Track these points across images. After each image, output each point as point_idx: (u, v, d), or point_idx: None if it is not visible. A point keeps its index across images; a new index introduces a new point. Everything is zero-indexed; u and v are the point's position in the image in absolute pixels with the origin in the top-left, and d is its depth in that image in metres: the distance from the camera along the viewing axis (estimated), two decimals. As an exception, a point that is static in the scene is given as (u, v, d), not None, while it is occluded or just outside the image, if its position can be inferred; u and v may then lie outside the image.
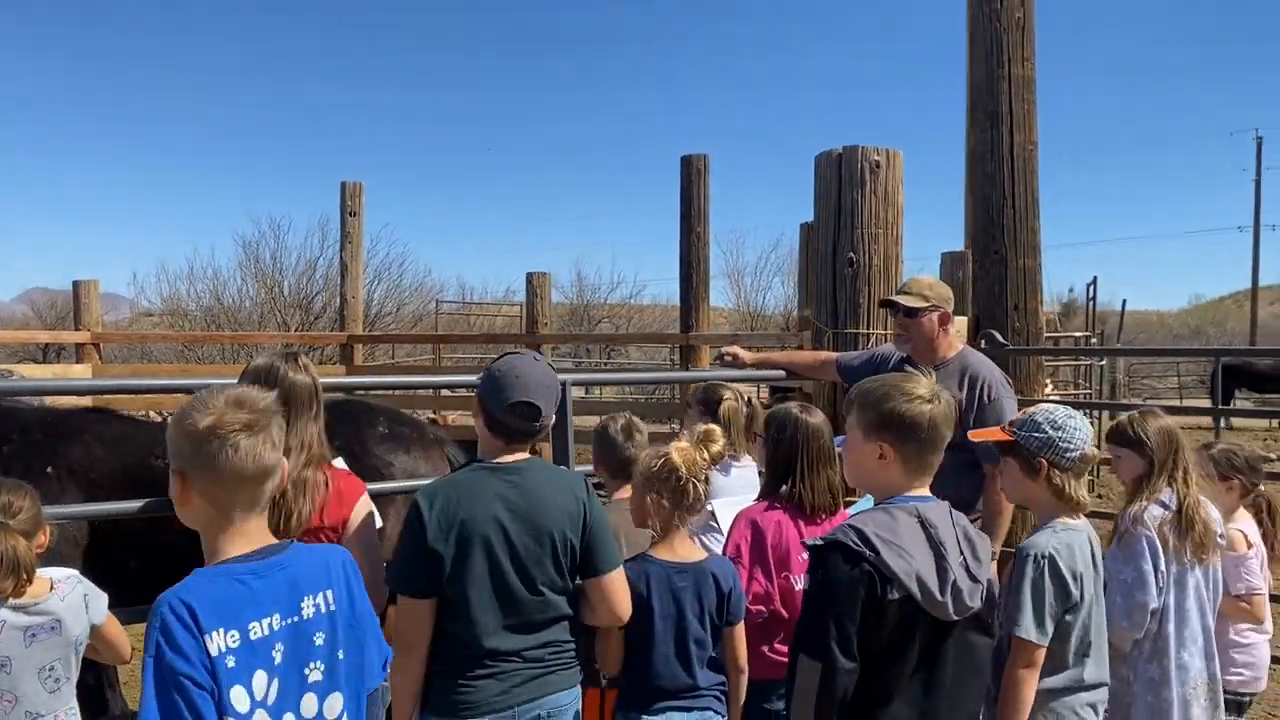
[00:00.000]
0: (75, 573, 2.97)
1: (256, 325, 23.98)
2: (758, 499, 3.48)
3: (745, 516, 3.34)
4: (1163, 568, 3.24)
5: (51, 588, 2.85)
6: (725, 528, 3.58)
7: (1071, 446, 2.94)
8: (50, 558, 3.78)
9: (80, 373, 13.44)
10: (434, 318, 27.61)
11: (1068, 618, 2.86)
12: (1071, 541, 2.90)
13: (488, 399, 2.78)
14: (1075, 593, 2.85)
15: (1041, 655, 2.82)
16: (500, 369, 2.80)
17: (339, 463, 3.27)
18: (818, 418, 3.46)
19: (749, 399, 4.34)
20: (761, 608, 3.24)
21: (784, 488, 3.37)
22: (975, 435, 3.34)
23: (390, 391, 13.14)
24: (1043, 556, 2.84)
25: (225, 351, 20.80)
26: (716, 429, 3.36)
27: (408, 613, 2.68)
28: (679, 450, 3.06)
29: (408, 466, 4.16)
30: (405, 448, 4.29)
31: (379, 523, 3.18)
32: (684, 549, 3.08)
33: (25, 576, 2.76)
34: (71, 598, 2.86)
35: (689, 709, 3.03)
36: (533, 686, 2.72)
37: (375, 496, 3.23)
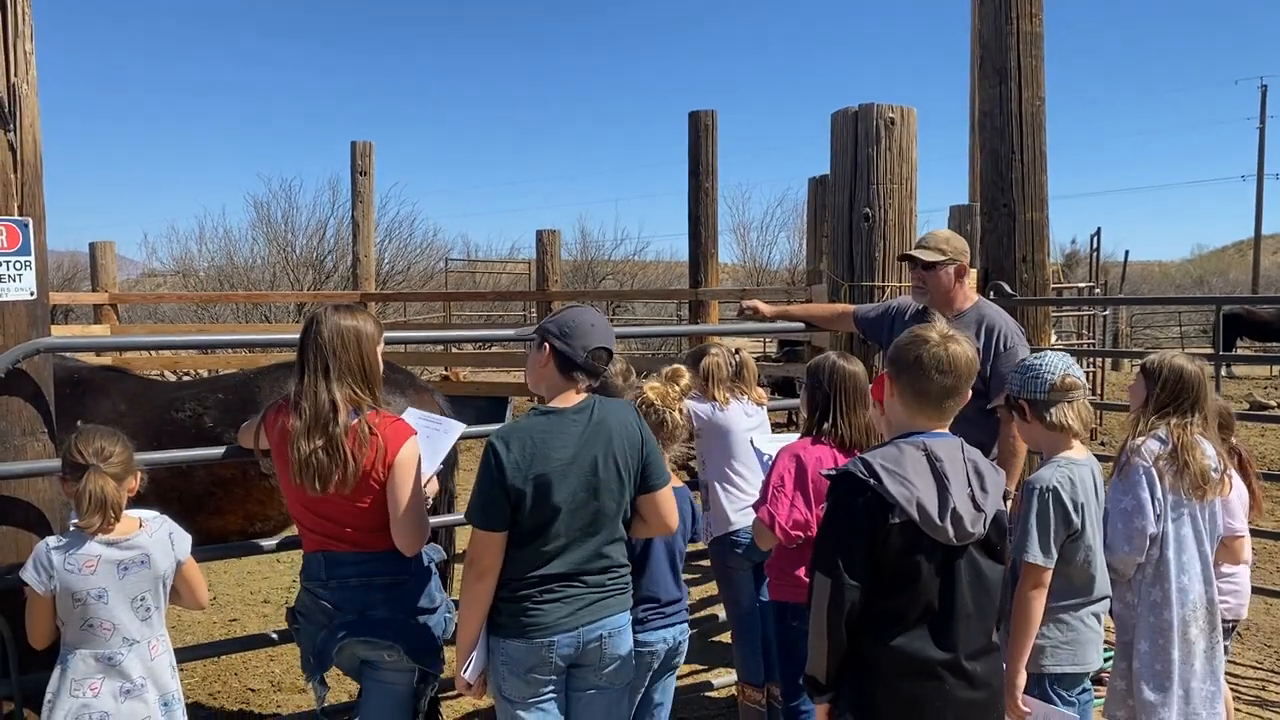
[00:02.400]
0: (160, 514, 3.22)
1: (269, 285, 24.16)
2: (801, 436, 3.75)
3: (789, 451, 3.61)
4: (1159, 496, 3.47)
5: (141, 525, 3.12)
6: (767, 458, 3.86)
7: (1039, 380, 3.25)
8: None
9: (100, 333, 13.67)
10: (443, 275, 27.80)
11: (1071, 543, 3.15)
12: (1074, 475, 3.18)
13: (568, 344, 2.97)
14: (1077, 521, 3.14)
15: (1048, 577, 3.12)
16: (576, 319, 3.00)
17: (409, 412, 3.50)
18: (855, 365, 3.75)
19: (737, 351, 4.62)
20: (799, 533, 3.49)
21: (825, 425, 3.65)
22: (992, 405, 3.77)
23: (403, 349, 13.40)
24: (1047, 490, 3.13)
25: (239, 311, 21.00)
26: (682, 367, 3.65)
27: (482, 543, 2.92)
28: (651, 388, 3.50)
29: (402, 409, 4.43)
30: (401, 391, 4.66)
31: (430, 464, 3.39)
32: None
33: (113, 515, 3.03)
34: (158, 534, 3.13)
35: (672, 624, 3.40)
36: (595, 609, 2.98)
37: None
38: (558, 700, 3.03)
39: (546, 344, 3.02)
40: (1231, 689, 4.52)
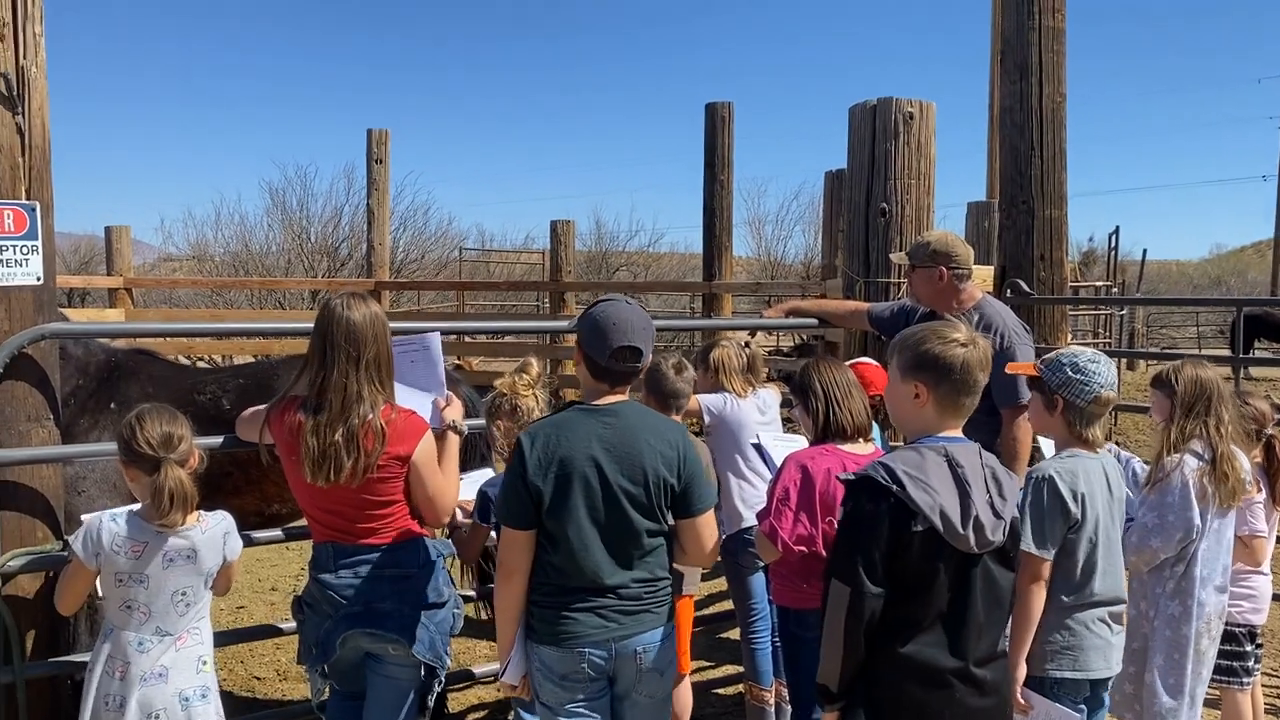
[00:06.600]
0: (225, 513, 3.21)
1: (284, 271, 24.18)
2: (811, 444, 3.64)
3: (796, 460, 3.47)
4: (1197, 522, 3.45)
5: (199, 520, 3.08)
6: (773, 458, 3.78)
7: (1087, 389, 3.14)
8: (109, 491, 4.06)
9: (114, 317, 13.69)
10: (457, 265, 27.79)
11: (1071, 535, 3.06)
12: (1076, 467, 3.09)
13: (591, 348, 2.88)
14: (1075, 511, 3.04)
15: (1046, 569, 3.03)
16: (599, 317, 2.87)
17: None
18: (830, 358, 3.74)
19: (747, 344, 4.59)
20: (803, 548, 3.41)
21: (829, 426, 3.52)
22: (1011, 368, 3.67)
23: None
24: (1043, 479, 3.06)
25: (253, 297, 21.02)
26: (532, 359, 3.76)
27: (508, 542, 2.87)
28: (500, 382, 3.69)
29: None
30: None
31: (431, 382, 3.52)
32: None
33: (191, 506, 3.02)
34: (213, 532, 3.10)
35: None
36: (630, 623, 2.86)
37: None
38: (597, 707, 2.92)
39: (577, 344, 2.95)
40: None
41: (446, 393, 3.58)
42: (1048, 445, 3.48)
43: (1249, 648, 4.01)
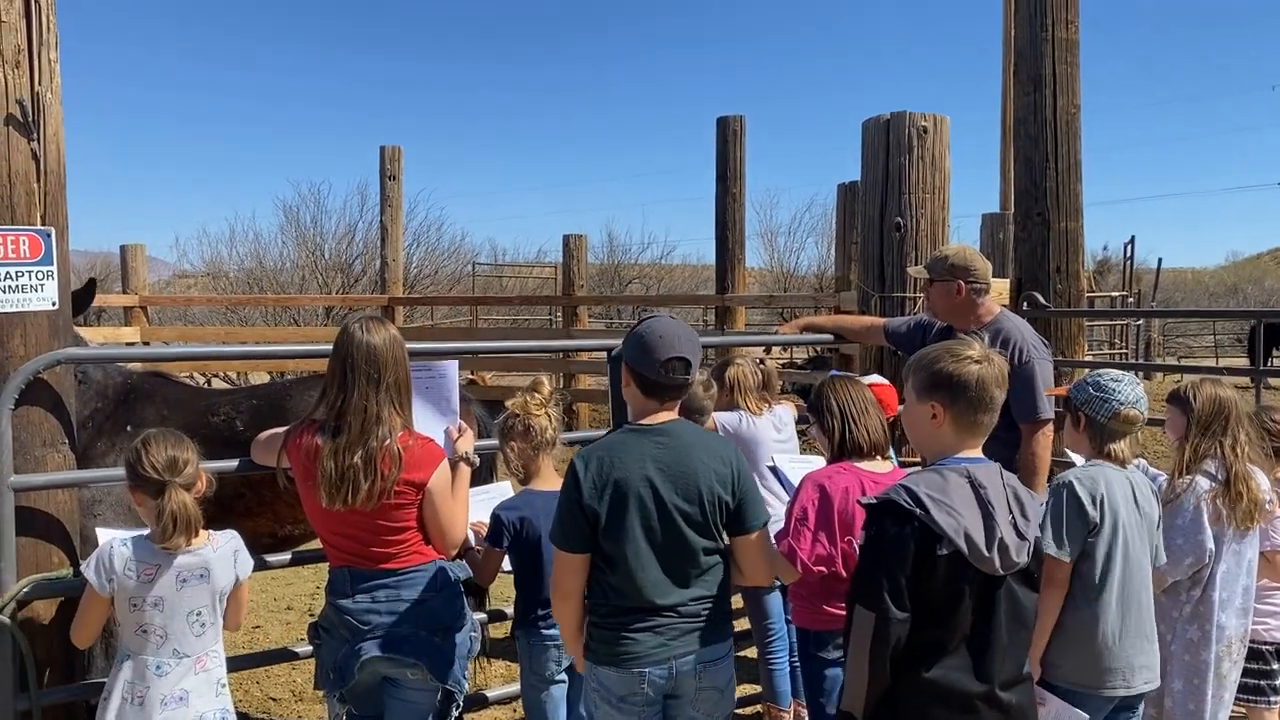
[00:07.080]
0: (233, 531, 3.22)
1: (298, 288, 24.28)
2: (828, 464, 3.62)
3: (813, 480, 3.46)
4: (1209, 546, 3.44)
5: (208, 538, 3.09)
6: (789, 480, 3.75)
7: (1106, 406, 3.19)
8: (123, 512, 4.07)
9: (129, 335, 13.78)
10: (470, 279, 27.86)
11: (1090, 539, 3.07)
12: (1098, 475, 3.12)
13: (640, 364, 2.87)
14: (1093, 514, 3.05)
15: (1064, 571, 3.05)
16: (644, 333, 2.88)
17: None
18: (846, 376, 3.70)
19: (762, 361, 4.58)
20: (822, 568, 3.38)
21: (845, 444, 3.52)
22: (1049, 392, 3.85)
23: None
24: (1063, 484, 3.11)
25: (268, 313, 21.10)
26: (542, 377, 3.74)
27: (562, 564, 2.86)
28: (511, 403, 3.68)
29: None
30: None
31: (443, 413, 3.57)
32: (554, 480, 3.48)
33: (195, 530, 3.03)
34: (223, 550, 3.11)
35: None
36: (689, 640, 2.84)
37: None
38: None
39: (625, 364, 2.95)
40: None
41: (459, 422, 3.59)
42: (1080, 462, 3.48)
43: (1275, 666, 3.95)
